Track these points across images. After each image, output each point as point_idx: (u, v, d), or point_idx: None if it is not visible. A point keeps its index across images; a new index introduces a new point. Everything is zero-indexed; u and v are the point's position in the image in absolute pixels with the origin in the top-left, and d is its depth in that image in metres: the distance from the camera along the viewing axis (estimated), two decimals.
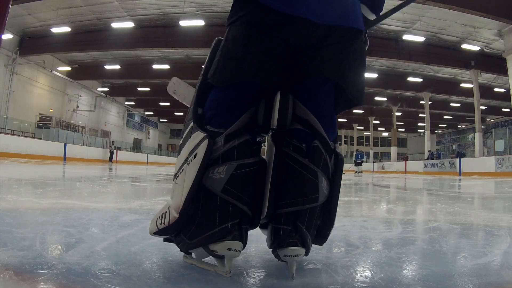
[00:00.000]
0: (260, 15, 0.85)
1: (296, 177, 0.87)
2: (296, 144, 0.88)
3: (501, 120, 31.42)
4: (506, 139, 18.83)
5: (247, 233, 0.87)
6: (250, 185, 0.86)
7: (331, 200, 0.90)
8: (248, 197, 0.85)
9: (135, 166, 17.25)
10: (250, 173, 0.86)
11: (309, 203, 0.85)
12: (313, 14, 0.82)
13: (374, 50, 17.28)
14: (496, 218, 2.16)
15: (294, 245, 0.83)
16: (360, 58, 0.93)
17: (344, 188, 5.37)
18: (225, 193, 0.82)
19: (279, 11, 0.82)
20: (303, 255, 0.85)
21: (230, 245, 0.80)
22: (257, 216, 0.89)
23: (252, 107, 0.90)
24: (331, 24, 0.84)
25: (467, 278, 0.90)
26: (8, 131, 16.71)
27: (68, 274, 0.80)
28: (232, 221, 0.82)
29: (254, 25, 0.87)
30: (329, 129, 0.91)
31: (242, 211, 0.84)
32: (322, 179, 0.87)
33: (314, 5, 0.82)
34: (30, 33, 17.80)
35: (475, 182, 8.48)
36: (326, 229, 0.92)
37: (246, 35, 0.87)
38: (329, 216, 0.90)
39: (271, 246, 0.88)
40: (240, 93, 0.88)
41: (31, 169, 7.15)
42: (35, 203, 2.09)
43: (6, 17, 0.89)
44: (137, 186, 4.44)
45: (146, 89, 26.99)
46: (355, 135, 39.40)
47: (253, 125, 0.89)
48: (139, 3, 15.44)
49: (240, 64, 0.86)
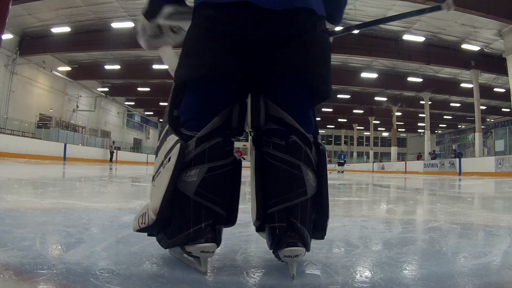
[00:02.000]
0: (210, 11, 0.87)
1: (281, 174, 0.86)
2: (275, 142, 0.88)
3: (501, 120, 31.42)
4: (506, 139, 18.84)
5: (221, 232, 0.89)
6: (223, 186, 0.87)
7: (320, 191, 0.89)
8: (221, 198, 0.86)
9: (135, 166, 17.25)
10: (222, 175, 0.87)
11: (298, 197, 0.85)
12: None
13: (374, 50, 17.30)
14: (496, 218, 2.16)
15: (293, 245, 0.82)
16: (323, 51, 0.92)
17: (344, 188, 5.37)
18: (197, 196, 0.83)
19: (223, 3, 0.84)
20: (303, 255, 0.85)
21: (203, 248, 0.82)
22: (233, 215, 0.91)
23: (225, 109, 0.89)
24: (276, 8, 0.83)
25: (467, 278, 0.90)
26: (8, 131, 16.71)
27: (68, 274, 0.80)
28: (205, 222, 0.83)
29: (207, 21, 0.88)
30: (305, 124, 0.91)
31: (215, 212, 0.85)
32: (307, 172, 0.87)
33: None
34: (30, 33, 17.80)
35: (475, 182, 8.48)
36: (323, 221, 0.92)
37: (200, 32, 0.89)
38: (322, 208, 0.90)
39: (271, 247, 0.88)
40: (210, 96, 0.89)
41: (31, 169, 7.15)
42: (35, 203, 2.09)
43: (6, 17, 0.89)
44: (137, 186, 4.44)
45: (146, 89, 26.99)
46: (355, 135, 39.40)
47: (226, 128, 0.89)
48: (139, 3, 15.43)
49: (197, 61, 0.87)
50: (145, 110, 37.45)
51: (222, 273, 0.89)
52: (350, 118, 35.93)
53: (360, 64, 21.59)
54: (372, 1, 14.57)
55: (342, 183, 6.87)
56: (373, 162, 31.19)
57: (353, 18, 15.53)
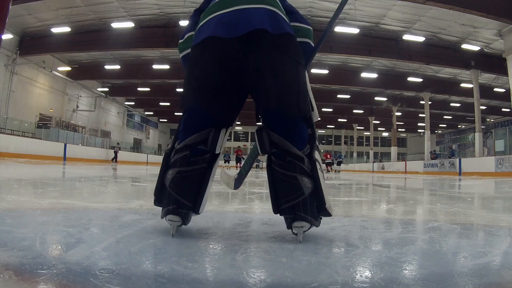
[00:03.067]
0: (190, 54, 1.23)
1: (284, 183, 1.19)
2: (278, 162, 1.20)
3: (501, 120, 31.43)
4: (506, 139, 18.84)
5: (187, 215, 1.22)
6: (187, 184, 1.20)
7: (316, 188, 1.19)
8: (184, 192, 1.19)
9: (135, 166, 17.25)
10: (187, 177, 1.20)
11: (298, 198, 1.17)
12: (218, 32, 1.11)
13: (374, 50, 17.29)
14: (496, 218, 2.16)
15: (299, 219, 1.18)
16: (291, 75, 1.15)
17: (344, 188, 5.37)
18: (170, 188, 1.21)
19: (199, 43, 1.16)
20: (307, 227, 1.20)
21: (170, 218, 1.21)
22: (197, 205, 1.21)
23: (201, 132, 1.20)
24: (238, 35, 1.09)
25: (467, 278, 0.90)
26: (8, 131, 16.70)
27: (68, 274, 0.80)
28: (173, 206, 1.20)
29: (189, 63, 1.23)
30: (297, 141, 1.19)
31: (176, 200, 1.19)
32: (302, 178, 1.17)
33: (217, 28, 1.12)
34: (30, 33, 17.80)
35: (475, 182, 8.48)
36: (323, 206, 1.21)
37: (187, 72, 1.23)
38: (320, 198, 1.20)
39: (288, 228, 1.23)
40: (192, 121, 1.23)
41: (31, 169, 7.15)
42: (35, 203, 2.09)
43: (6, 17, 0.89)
44: (137, 186, 4.44)
45: (146, 89, 26.98)
46: (355, 135, 39.38)
47: (200, 144, 1.20)
48: (139, 3, 15.44)
49: (189, 95, 1.20)
50: (145, 110, 37.45)
51: (222, 273, 0.89)
52: (350, 118, 35.92)
53: (360, 64, 21.59)
54: (371, 1, 14.57)
55: (342, 183, 6.87)
56: (373, 162, 31.18)
57: (353, 18, 15.54)
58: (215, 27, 1.12)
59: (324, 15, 15.70)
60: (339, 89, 25.99)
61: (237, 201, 2.69)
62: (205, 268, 0.91)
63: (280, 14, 1.17)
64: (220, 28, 1.11)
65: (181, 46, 1.37)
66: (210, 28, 1.13)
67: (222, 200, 2.48)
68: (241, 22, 1.10)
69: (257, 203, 2.64)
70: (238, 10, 1.13)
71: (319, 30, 16.43)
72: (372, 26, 16.51)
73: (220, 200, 2.64)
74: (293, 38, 1.18)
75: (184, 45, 1.35)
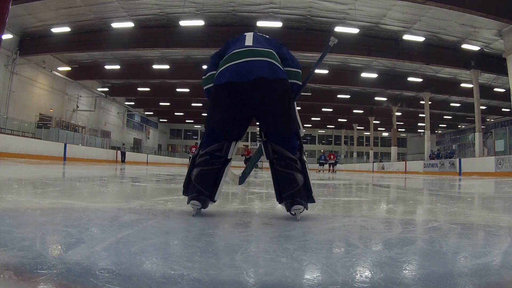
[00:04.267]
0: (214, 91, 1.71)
1: (284, 178, 1.68)
2: (279, 163, 1.69)
3: (501, 120, 31.43)
4: (506, 139, 18.80)
5: (205, 201, 1.69)
6: (206, 179, 1.69)
7: (306, 181, 1.69)
8: (204, 184, 1.68)
9: (135, 166, 17.25)
10: (206, 174, 1.69)
11: (294, 188, 1.65)
12: (236, 78, 1.62)
13: (374, 50, 17.30)
14: (496, 218, 2.15)
15: (296, 203, 1.65)
16: (284, 107, 1.68)
17: (344, 188, 5.37)
18: (194, 181, 1.69)
19: (218, 85, 1.67)
20: (302, 209, 1.67)
21: (193, 202, 1.67)
22: (213, 195, 1.70)
23: (219, 143, 1.71)
24: (246, 80, 1.61)
25: (467, 278, 0.90)
26: (8, 131, 16.69)
27: (68, 274, 0.80)
28: (195, 193, 1.67)
29: (213, 97, 1.71)
30: (291, 150, 1.70)
31: (199, 190, 1.66)
32: (297, 174, 1.67)
33: (232, 75, 1.63)
34: (30, 33, 17.80)
35: (475, 182, 8.48)
36: (310, 194, 1.72)
37: (211, 103, 1.73)
38: (308, 189, 1.71)
39: (287, 210, 1.70)
40: (212, 136, 1.74)
41: (31, 169, 7.15)
42: (35, 203, 2.09)
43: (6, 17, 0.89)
44: (137, 186, 4.44)
45: (146, 89, 26.98)
46: (355, 135, 39.38)
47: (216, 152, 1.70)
48: (139, 3, 15.44)
49: (209, 119, 1.74)
50: (145, 110, 37.45)
51: (222, 273, 0.89)
52: (350, 118, 35.91)
53: (360, 64, 21.59)
54: (372, 1, 14.57)
55: (342, 183, 6.87)
56: (373, 162, 31.18)
57: (353, 18, 15.54)
58: (231, 74, 1.63)
59: (324, 15, 15.70)
60: (339, 89, 25.99)
61: (237, 201, 2.69)
62: (205, 268, 0.91)
63: (276, 64, 1.67)
64: (235, 75, 1.63)
65: (204, 82, 1.85)
66: (228, 75, 1.64)
67: (222, 200, 2.47)
68: (249, 72, 1.62)
69: (257, 203, 2.64)
70: (247, 61, 1.64)
71: (319, 30, 16.47)
72: (372, 26, 16.51)
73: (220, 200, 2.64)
74: (285, 81, 1.69)
75: (207, 81, 1.83)
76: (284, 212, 1.76)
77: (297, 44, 16.35)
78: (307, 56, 17.66)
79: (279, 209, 1.97)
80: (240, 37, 1.81)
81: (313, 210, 2.02)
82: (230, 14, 16.20)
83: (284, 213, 1.79)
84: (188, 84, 25.35)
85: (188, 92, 26.13)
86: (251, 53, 1.66)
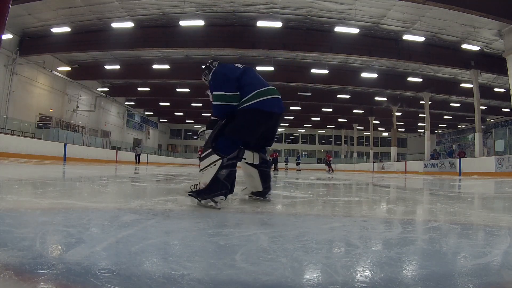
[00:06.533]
0: (259, 112, 2.24)
1: (266, 175, 2.67)
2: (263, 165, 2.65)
3: (501, 120, 31.41)
4: (506, 139, 18.79)
5: (227, 194, 2.22)
6: (231, 178, 2.23)
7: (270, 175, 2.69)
8: (230, 182, 2.22)
9: (135, 166, 17.24)
10: (231, 173, 2.21)
11: (270, 181, 2.73)
12: (277, 110, 2.36)
13: (374, 50, 17.29)
14: (496, 218, 2.15)
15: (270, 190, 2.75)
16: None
17: (344, 188, 5.37)
18: (225, 180, 2.15)
19: (266, 111, 2.27)
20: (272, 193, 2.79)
21: (221, 197, 2.17)
22: (232, 188, 2.30)
23: (239, 150, 2.26)
24: (281, 112, 2.41)
25: (467, 278, 0.90)
26: (8, 131, 16.68)
27: (68, 274, 0.80)
28: (224, 190, 2.17)
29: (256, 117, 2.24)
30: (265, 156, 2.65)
31: (228, 186, 2.19)
32: (270, 171, 2.76)
33: (276, 106, 2.34)
34: (30, 33, 17.79)
35: (475, 182, 8.48)
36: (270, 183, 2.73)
37: (251, 119, 2.24)
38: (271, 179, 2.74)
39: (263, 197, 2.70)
40: (235, 143, 2.23)
41: (31, 169, 7.15)
42: (35, 203, 2.09)
43: (6, 17, 0.89)
44: (137, 186, 4.43)
45: (146, 89, 26.96)
46: (355, 135, 39.35)
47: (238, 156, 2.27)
48: (139, 3, 15.43)
49: (243, 131, 2.25)
50: (145, 110, 37.43)
51: (222, 273, 0.89)
52: (350, 118, 35.89)
53: (360, 64, 21.57)
54: (371, 1, 14.56)
55: (342, 183, 6.87)
56: (373, 162, 31.17)
57: (353, 18, 15.53)
58: (275, 106, 2.32)
59: (324, 15, 15.69)
60: (339, 89, 25.98)
61: (237, 201, 2.69)
62: (205, 268, 0.91)
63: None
64: (277, 108, 2.35)
65: (226, 98, 2.21)
66: (272, 106, 2.29)
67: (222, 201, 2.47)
68: (281, 106, 2.39)
69: (257, 203, 2.64)
70: (279, 98, 2.38)
71: (319, 30, 16.47)
72: (372, 26, 16.50)
73: None
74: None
75: (231, 98, 2.22)
76: (284, 212, 1.76)
77: (297, 44, 16.34)
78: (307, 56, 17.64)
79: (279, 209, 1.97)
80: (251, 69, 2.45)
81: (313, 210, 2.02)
82: (230, 14, 16.20)
83: (284, 213, 1.79)
84: (188, 84, 25.34)
85: (188, 92, 26.12)
86: (277, 92, 2.38)
